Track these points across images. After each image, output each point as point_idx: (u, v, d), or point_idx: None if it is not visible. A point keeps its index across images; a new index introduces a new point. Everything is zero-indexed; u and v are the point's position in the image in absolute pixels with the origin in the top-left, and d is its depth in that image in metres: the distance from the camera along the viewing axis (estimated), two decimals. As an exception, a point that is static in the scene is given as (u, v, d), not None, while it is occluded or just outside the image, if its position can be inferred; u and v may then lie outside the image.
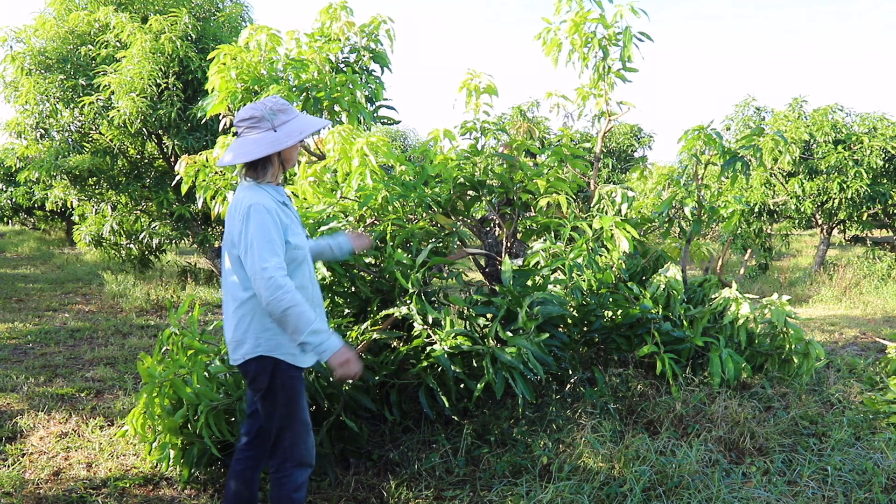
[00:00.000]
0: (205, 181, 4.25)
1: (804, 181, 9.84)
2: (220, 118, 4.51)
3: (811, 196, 9.87)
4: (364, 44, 4.94)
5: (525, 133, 5.48)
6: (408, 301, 3.30)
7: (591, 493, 2.84)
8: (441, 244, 3.89)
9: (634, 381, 3.94)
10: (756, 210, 10.46)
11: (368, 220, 3.76)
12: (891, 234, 11.53)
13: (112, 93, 7.59)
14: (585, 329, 3.95)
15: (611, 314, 3.98)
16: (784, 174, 10.37)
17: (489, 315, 3.58)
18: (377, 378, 3.27)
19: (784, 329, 4.15)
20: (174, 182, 5.66)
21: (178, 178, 4.35)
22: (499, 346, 3.16)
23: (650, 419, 3.59)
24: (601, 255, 3.89)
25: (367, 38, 4.93)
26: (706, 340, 3.99)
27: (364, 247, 3.00)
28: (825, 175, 9.72)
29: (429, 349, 3.19)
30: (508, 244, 4.12)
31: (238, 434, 3.03)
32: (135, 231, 9.34)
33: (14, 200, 14.48)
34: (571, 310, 3.82)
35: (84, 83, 8.36)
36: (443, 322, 3.21)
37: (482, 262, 4.21)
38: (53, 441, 3.68)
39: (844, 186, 9.44)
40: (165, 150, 8.97)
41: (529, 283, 3.68)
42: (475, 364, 3.31)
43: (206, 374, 3.07)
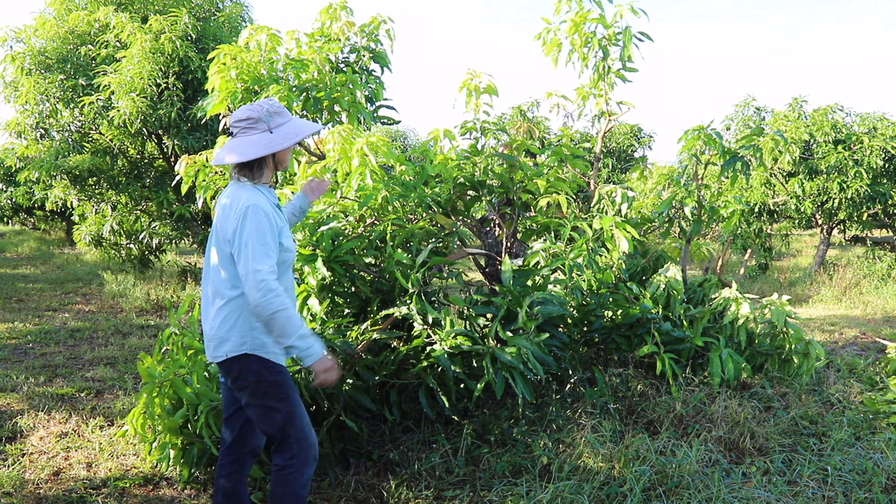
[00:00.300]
0: (205, 181, 4.25)
1: (804, 181, 9.84)
2: (220, 118, 4.52)
3: (811, 196, 9.87)
4: (364, 44, 4.94)
5: (525, 133, 5.48)
6: (408, 301, 3.30)
7: (591, 493, 2.84)
8: (441, 244, 3.89)
9: (634, 381, 3.94)
10: (756, 210, 10.46)
11: (368, 220, 3.76)
12: (891, 234, 11.53)
13: (112, 93, 7.59)
14: (585, 329, 3.95)
15: (611, 314, 3.99)
16: (784, 174, 10.36)
17: (489, 315, 3.58)
18: (377, 378, 3.27)
19: (784, 329, 4.15)
20: (174, 182, 5.66)
21: (178, 178, 4.35)
22: (499, 346, 3.16)
23: (650, 419, 3.59)
24: (601, 255, 3.89)
25: (367, 38, 4.93)
26: (706, 340, 3.99)
27: (321, 191, 2.91)
28: (825, 175, 9.72)
29: (429, 349, 3.20)
30: (508, 244, 4.12)
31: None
32: (135, 231, 9.34)
33: (14, 200, 14.48)
34: (571, 310, 3.82)
35: (84, 83, 8.37)
36: (443, 322, 3.21)
37: (482, 262, 4.21)
38: (53, 441, 3.68)
39: (844, 186, 9.45)
40: (165, 150, 8.97)
41: (529, 283, 3.68)
42: (475, 364, 3.31)
43: (206, 374, 3.08)
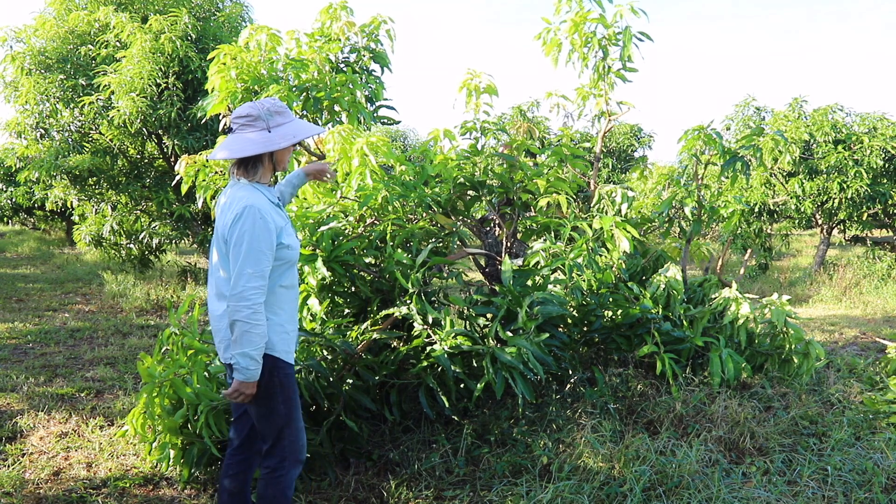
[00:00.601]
0: (205, 181, 4.25)
1: (804, 181, 9.84)
2: (220, 118, 4.51)
3: (811, 196, 9.87)
4: (364, 44, 4.94)
5: (525, 133, 5.48)
6: (408, 301, 3.30)
7: (591, 493, 2.84)
8: (441, 244, 3.89)
9: (634, 381, 3.94)
10: (756, 210, 10.46)
11: (368, 220, 3.76)
12: (891, 234, 11.52)
13: (112, 93, 7.60)
14: (585, 329, 3.95)
15: (611, 314, 3.98)
16: (784, 174, 10.36)
17: (489, 315, 3.58)
18: (377, 378, 3.27)
19: (784, 329, 4.15)
20: (174, 182, 5.66)
21: (178, 178, 4.35)
22: (499, 346, 3.16)
23: (650, 419, 3.59)
24: (601, 255, 3.89)
25: (368, 38, 4.93)
26: (706, 340, 3.99)
27: (320, 172, 2.86)
28: (825, 175, 9.72)
29: (429, 349, 3.20)
30: (508, 244, 4.12)
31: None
32: (135, 231, 9.34)
33: (14, 200, 14.48)
34: (571, 310, 3.82)
35: (84, 83, 8.37)
36: (443, 322, 3.21)
37: (482, 262, 4.21)
38: (53, 441, 3.68)
39: (844, 186, 9.44)
40: (165, 150, 8.97)
41: (529, 283, 3.68)
42: (475, 364, 3.31)
43: (206, 374, 3.08)
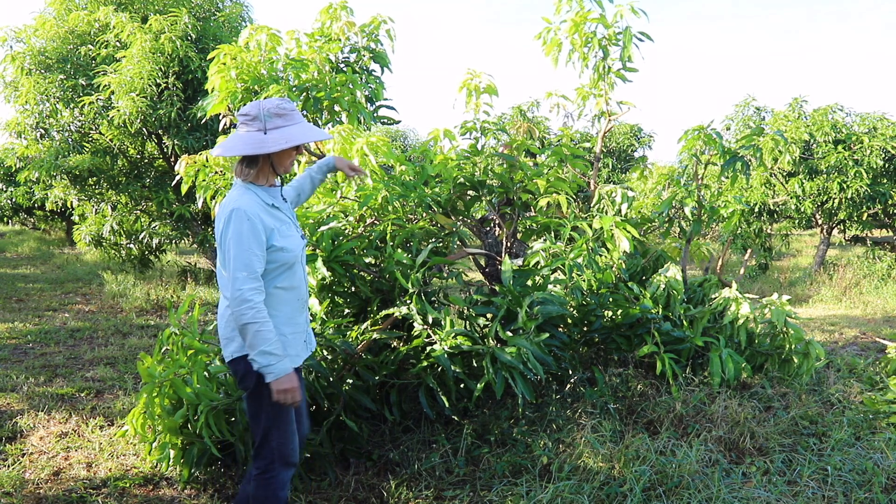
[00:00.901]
0: (205, 181, 4.25)
1: (804, 181, 9.84)
2: (220, 118, 4.51)
3: (811, 196, 9.87)
4: (364, 44, 4.94)
5: (525, 133, 5.48)
6: (408, 301, 3.30)
7: (591, 493, 2.84)
8: (441, 244, 3.88)
9: (634, 381, 3.93)
10: (756, 210, 10.46)
11: (368, 220, 3.76)
12: (891, 234, 11.52)
13: (112, 93, 7.59)
14: (585, 329, 3.95)
15: (611, 314, 3.98)
16: (784, 174, 10.36)
17: (489, 315, 3.58)
18: (377, 378, 3.27)
19: (784, 329, 4.15)
20: (174, 182, 5.66)
21: (178, 178, 4.35)
22: (499, 346, 3.16)
23: (650, 419, 3.59)
24: (601, 255, 3.89)
25: (368, 38, 4.93)
26: (706, 340, 3.99)
27: (355, 171, 2.79)
28: (825, 175, 9.72)
29: (429, 349, 3.20)
30: (508, 244, 4.12)
31: (238, 434, 3.04)
32: (135, 231, 9.34)
33: (14, 200, 14.48)
34: (571, 310, 3.81)
35: (84, 83, 8.37)
36: (443, 322, 3.21)
37: (482, 262, 4.21)
38: (53, 441, 3.68)
39: (844, 186, 9.44)
40: (165, 150, 8.97)
41: (529, 283, 3.68)
42: (475, 364, 3.31)
43: (206, 374, 3.07)
